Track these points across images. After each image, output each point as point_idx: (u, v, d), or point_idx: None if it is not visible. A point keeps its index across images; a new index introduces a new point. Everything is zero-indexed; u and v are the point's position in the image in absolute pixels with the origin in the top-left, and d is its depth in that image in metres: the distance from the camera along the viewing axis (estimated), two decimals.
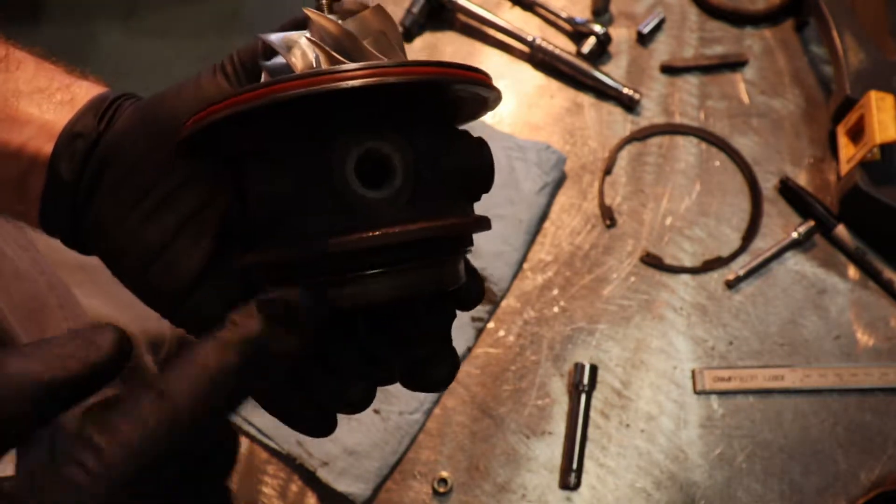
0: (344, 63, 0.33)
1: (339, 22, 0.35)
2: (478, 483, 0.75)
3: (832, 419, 0.77)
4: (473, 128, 1.00)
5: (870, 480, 0.75)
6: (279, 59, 0.37)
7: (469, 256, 0.88)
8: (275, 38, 0.35)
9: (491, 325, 0.81)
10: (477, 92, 0.35)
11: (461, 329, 0.78)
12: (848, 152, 0.85)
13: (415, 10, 0.95)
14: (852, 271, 0.84)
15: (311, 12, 0.36)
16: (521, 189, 0.85)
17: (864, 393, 0.78)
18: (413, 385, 0.39)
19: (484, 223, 0.37)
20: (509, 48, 0.96)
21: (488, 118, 0.92)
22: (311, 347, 0.32)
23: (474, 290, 0.40)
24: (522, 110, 0.93)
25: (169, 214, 0.39)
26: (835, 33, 0.88)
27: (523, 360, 0.80)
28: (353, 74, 0.30)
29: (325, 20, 0.35)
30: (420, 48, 0.96)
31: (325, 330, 0.36)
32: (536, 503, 0.74)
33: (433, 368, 0.38)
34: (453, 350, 0.39)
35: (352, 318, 0.37)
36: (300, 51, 0.35)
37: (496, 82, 0.95)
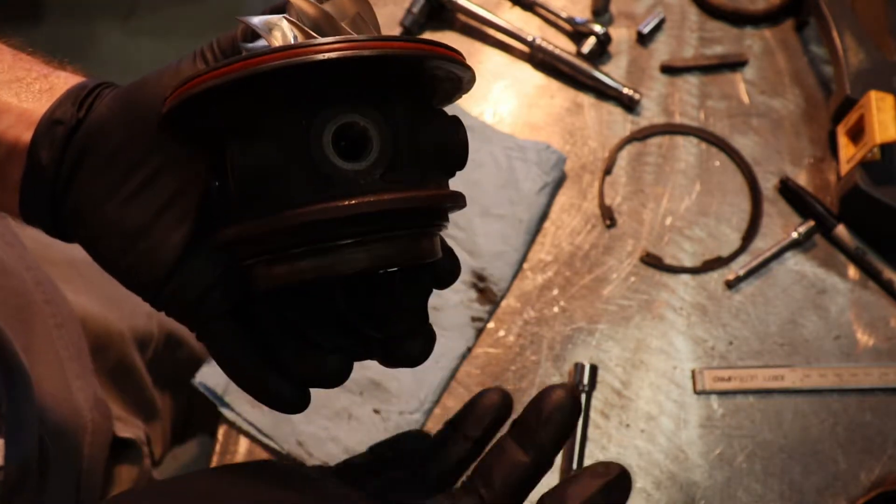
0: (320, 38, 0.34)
1: (317, 4, 0.36)
2: None
3: (832, 419, 0.77)
4: (473, 128, 1.00)
5: (870, 480, 0.75)
6: (260, 42, 0.37)
7: (469, 257, 0.88)
8: (255, 20, 0.36)
9: (491, 325, 0.81)
10: (451, 70, 0.36)
11: (461, 329, 0.78)
12: (848, 152, 0.85)
13: (415, 10, 0.95)
14: (852, 271, 0.84)
15: None
16: (521, 189, 0.85)
17: (864, 393, 0.78)
18: (389, 360, 0.39)
19: (459, 199, 0.38)
20: (509, 48, 0.96)
21: (488, 118, 0.92)
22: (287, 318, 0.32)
23: (449, 266, 0.40)
24: (522, 110, 0.93)
25: (148, 198, 0.39)
26: (835, 33, 0.88)
27: (523, 360, 0.80)
28: (328, 47, 0.31)
29: (303, 2, 0.36)
30: None
31: (300, 299, 0.36)
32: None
33: (409, 343, 0.38)
34: (429, 326, 0.39)
35: (329, 291, 0.37)
36: (279, 31, 0.35)
37: (496, 82, 0.95)
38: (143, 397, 0.84)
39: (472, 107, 0.93)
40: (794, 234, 0.84)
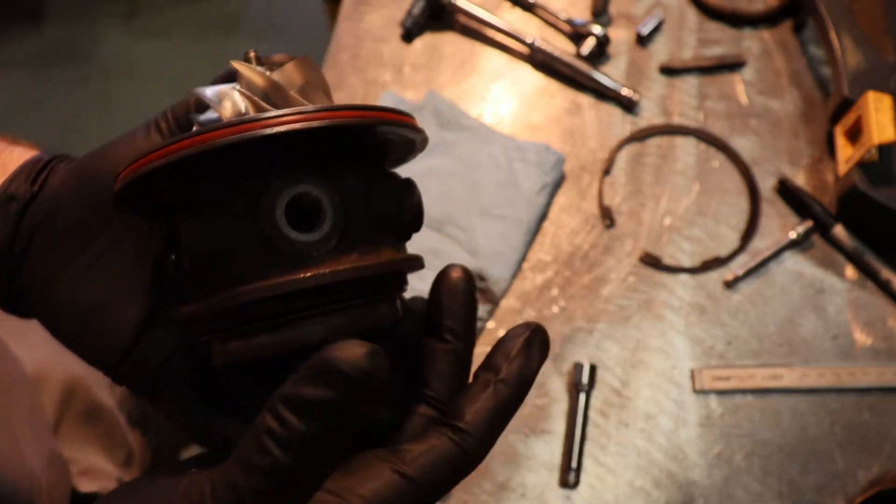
0: (270, 110, 0.33)
1: (267, 73, 0.36)
2: (478, 482, 0.75)
3: (830, 418, 0.78)
4: (473, 129, 1.00)
5: (868, 479, 0.75)
6: (211, 113, 0.37)
7: (469, 257, 0.88)
8: (206, 91, 0.36)
9: (491, 324, 0.81)
10: (403, 134, 0.36)
11: None
12: (846, 153, 0.85)
13: (415, 11, 0.96)
14: (850, 271, 0.84)
15: (238, 65, 0.36)
16: (521, 189, 0.86)
17: (862, 392, 0.79)
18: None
19: (415, 263, 0.37)
20: (509, 49, 0.97)
21: (488, 119, 0.92)
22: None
23: (410, 328, 0.39)
24: (522, 111, 0.94)
25: (104, 273, 0.39)
26: (833, 34, 0.89)
27: None
28: (277, 121, 0.31)
29: (252, 72, 0.36)
30: (420, 49, 0.97)
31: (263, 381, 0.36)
32: (536, 501, 0.74)
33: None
34: (393, 392, 0.38)
35: (289, 360, 0.36)
36: (230, 102, 0.35)
37: (496, 83, 0.95)
38: (117, 437, 0.84)
39: (472, 107, 0.93)
40: (793, 235, 0.85)
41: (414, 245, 0.39)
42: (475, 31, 0.98)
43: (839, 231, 0.84)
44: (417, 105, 0.91)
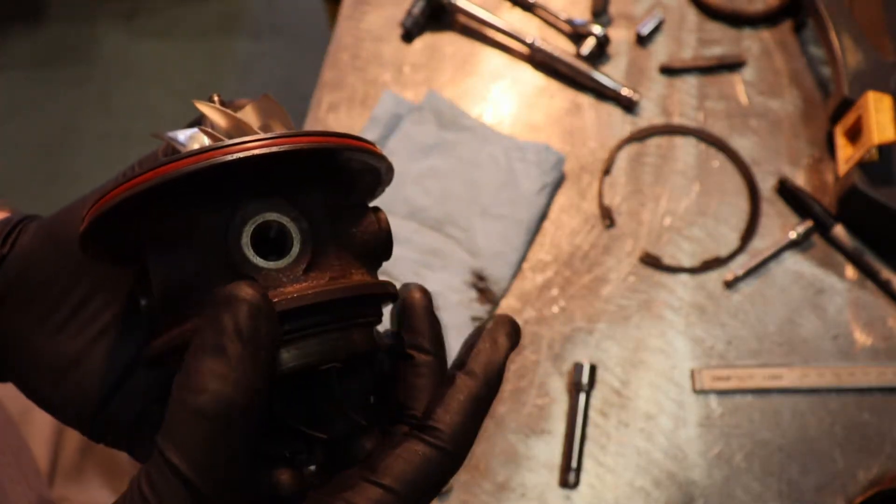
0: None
1: (230, 112, 0.36)
2: (478, 482, 0.75)
3: (830, 418, 0.78)
4: (473, 129, 1.00)
5: (868, 479, 0.75)
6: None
7: (469, 257, 0.88)
8: (178, 134, 0.36)
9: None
10: (366, 161, 0.36)
11: (461, 329, 0.79)
12: (846, 153, 0.85)
13: (415, 11, 0.96)
14: (850, 271, 0.84)
15: (202, 105, 0.36)
16: (521, 189, 0.86)
17: (862, 392, 0.79)
18: (337, 463, 0.35)
19: (388, 287, 0.37)
20: (509, 49, 0.97)
21: (488, 119, 0.92)
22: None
23: (387, 363, 0.38)
24: (522, 111, 0.94)
25: (77, 327, 0.38)
26: (833, 34, 0.89)
27: (523, 360, 0.80)
28: (239, 147, 0.31)
29: (215, 112, 0.36)
30: (420, 49, 0.97)
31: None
32: (536, 501, 0.74)
33: (356, 442, 0.36)
34: (372, 422, 0.37)
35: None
36: (196, 143, 0.36)
37: (496, 83, 0.95)
38: (118, 468, 0.83)
39: (472, 107, 0.93)
40: (793, 235, 0.85)
41: (414, 245, 0.39)
42: (475, 31, 0.98)
43: (839, 231, 0.84)
44: (417, 105, 0.91)
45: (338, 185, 0.37)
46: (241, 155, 0.31)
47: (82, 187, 0.42)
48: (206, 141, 0.36)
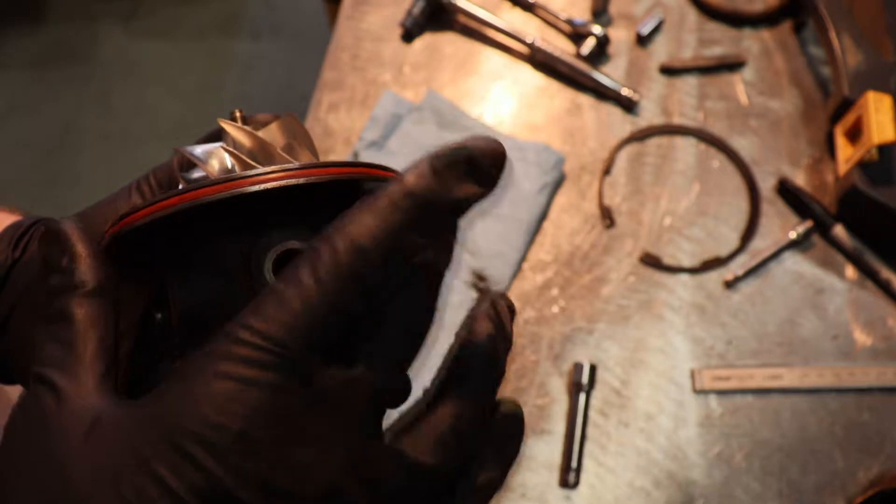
0: (256, 167, 0.33)
1: (253, 132, 0.36)
2: None
3: (830, 418, 0.78)
4: (473, 129, 1.00)
5: (868, 479, 0.75)
6: (198, 171, 0.37)
7: (469, 257, 0.88)
8: (196, 150, 0.36)
9: None
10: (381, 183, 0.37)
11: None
12: (846, 153, 0.85)
13: (415, 11, 0.96)
14: (850, 271, 0.84)
15: (225, 123, 0.36)
16: (521, 189, 0.86)
17: (862, 392, 0.79)
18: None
19: None
20: (509, 49, 0.97)
21: (488, 119, 0.92)
22: None
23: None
24: (522, 111, 0.94)
25: None
26: (832, 34, 0.89)
27: (523, 360, 0.80)
28: (263, 178, 0.31)
29: (238, 131, 0.36)
30: (420, 49, 0.97)
31: None
32: (536, 501, 0.74)
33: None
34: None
35: None
36: (217, 160, 0.36)
37: (496, 83, 0.95)
38: None
39: (472, 107, 0.93)
40: (793, 235, 0.85)
41: None
42: (475, 31, 0.98)
43: (839, 231, 0.84)
44: (417, 105, 0.91)
45: (351, 205, 0.38)
46: (269, 185, 0.31)
47: (82, 187, 0.43)
48: (227, 159, 0.36)
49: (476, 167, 0.29)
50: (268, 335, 0.26)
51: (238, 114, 0.38)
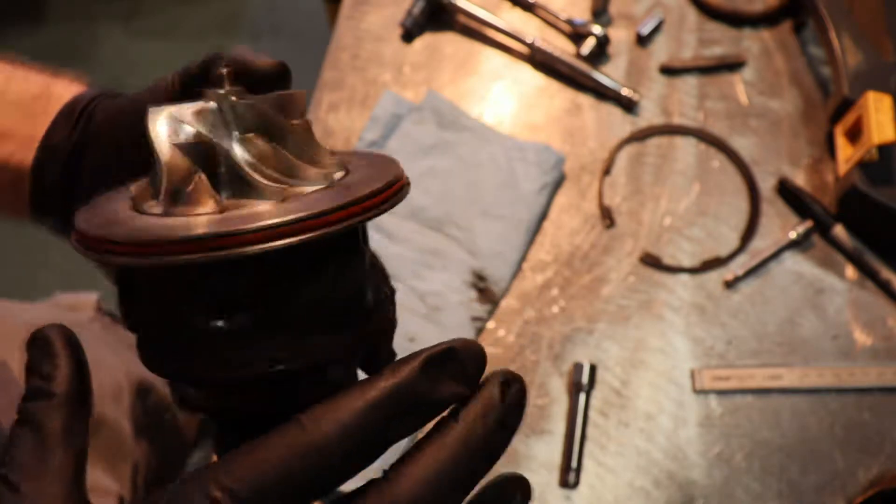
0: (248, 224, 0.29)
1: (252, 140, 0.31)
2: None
3: (830, 418, 0.78)
4: (473, 129, 1.00)
5: (868, 479, 0.75)
6: (188, 129, 0.31)
7: (469, 256, 0.88)
8: (181, 109, 0.31)
9: (491, 324, 0.81)
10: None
11: (461, 328, 0.79)
12: (846, 153, 0.85)
13: (415, 11, 0.96)
14: (850, 271, 0.84)
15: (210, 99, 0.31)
16: (521, 189, 0.86)
17: (862, 392, 0.79)
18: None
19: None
20: (509, 49, 0.97)
21: (488, 119, 0.92)
22: None
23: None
24: (522, 111, 0.94)
25: None
26: (832, 34, 0.89)
27: (523, 360, 0.80)
28: (254, 237, 0.27)
29: (238, 144, 0.31)
30: (420, 49, 0.97)
31: None
32: (536, 501, 0.74)
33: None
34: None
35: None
36: (200, 205, 0.30)
37: (496, 83, 0.95)
38: (121, 452, 0.83)
39: (472, 107, 0.93)
40: (793, 235, 0.85)
41: (414, 245, 0.39)
42: (475, 31, 0.98)
43: (839, 231, 0.84)
44: (417, 105, 0.91)
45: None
46: (277, 244, 0.27)
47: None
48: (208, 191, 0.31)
49: (463, 370, 0.31)
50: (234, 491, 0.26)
51: (225, 71, 0.32)
